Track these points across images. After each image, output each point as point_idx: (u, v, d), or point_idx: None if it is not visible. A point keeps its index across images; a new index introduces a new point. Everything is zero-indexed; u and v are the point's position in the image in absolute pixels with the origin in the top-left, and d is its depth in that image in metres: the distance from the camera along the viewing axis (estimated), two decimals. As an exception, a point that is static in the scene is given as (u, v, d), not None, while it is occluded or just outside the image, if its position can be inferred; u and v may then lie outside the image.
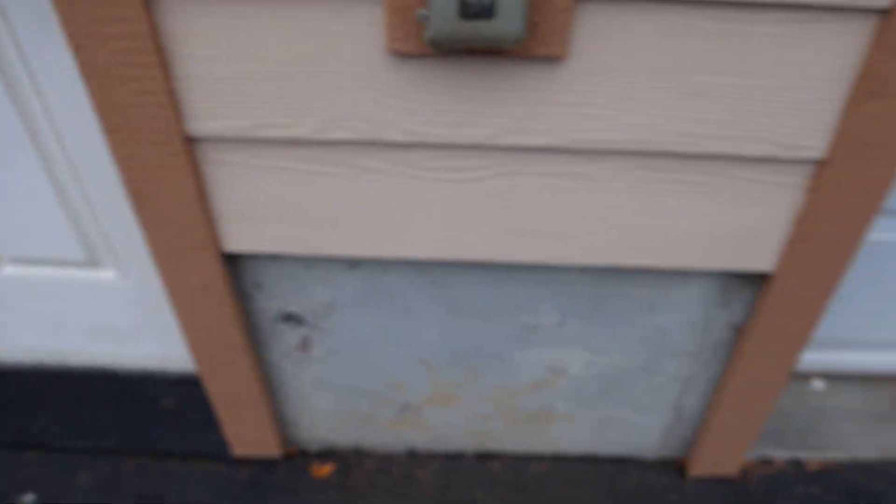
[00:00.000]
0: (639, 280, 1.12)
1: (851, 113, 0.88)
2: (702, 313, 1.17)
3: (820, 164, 0.94)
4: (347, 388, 1.32)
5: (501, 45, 0.80)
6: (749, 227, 1.01)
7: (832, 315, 1.47)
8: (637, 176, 0.96)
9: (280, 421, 1.41)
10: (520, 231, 1.02)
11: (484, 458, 1.45)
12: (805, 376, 1.62)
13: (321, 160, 0.96)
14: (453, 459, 1.45)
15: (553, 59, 0.85)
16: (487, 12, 0.78)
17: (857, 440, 1.51)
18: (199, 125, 0.92)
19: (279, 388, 1.33)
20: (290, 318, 1.20)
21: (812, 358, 1.58)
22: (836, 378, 1.62)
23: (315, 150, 0.95)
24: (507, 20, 0.78)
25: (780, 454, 1.49)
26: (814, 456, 1.49)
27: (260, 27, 0.83)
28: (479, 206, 1.00)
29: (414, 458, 1.45)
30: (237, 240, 1.05)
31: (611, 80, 0.86)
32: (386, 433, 1.42)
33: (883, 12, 0.80)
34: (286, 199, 1.00)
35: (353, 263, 1.12)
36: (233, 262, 1.12)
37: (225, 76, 0.87)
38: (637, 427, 1.39)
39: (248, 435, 1.37)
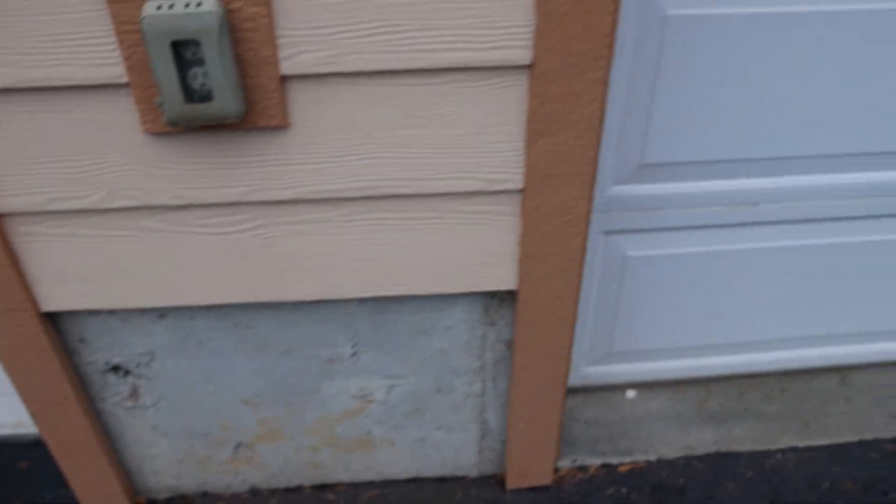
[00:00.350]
0: (410, 307, 1.32)
1: (531, 150, 1.11)
2: (473, 333, 1.36)
3: (521, 194, 1.16)
4: (181, 433, 1.47)
5: (226, 121, 1.01)
6: (484, 251, 1.22)
7: (640, 328, 1.68)
8: (373, 217, 1.17)
9: (125, 470, 1.54)
10: (286, 272, 1.22)
11: (321, 489, 1.60)
12: (619, 387, 1.82)
13: (111, 225, 1.15)
14: (293, 493, 1.59)
15: (278, 128, 1.07)
16: (207, 97, 1.00)
17: (664, 441, 1.70)
18: (1, 202, 1.10)
19: (118, 437, 1.48)
20: (117, 369, 1.36)
21: (624, 369, 1.78)
22: (647, 386, 1.82)
23: (104, 217, 1.14)
24: (224, 102, 0.99)
25: (594, 461, 1.67)
26: (624, 459, 1.67)
27: (44, 115, 1.03)
28: (249, 253, 1.19)
29: (257, 495, 1.59)
30: (52, 300, 1.22)
31: (332, 140, 1.08)
32: (227, 474, 1.56)
33: (527, 67, 1.04)
34: (88, 261, 1.18)
35: (162, 313, 1.29)
36: (54, 320, 1.28)
37: (21, 159, 1.06)
38: (452, 446, 1.56)
39: (93, 487, 1.50)
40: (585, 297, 1.57)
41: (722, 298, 1.62)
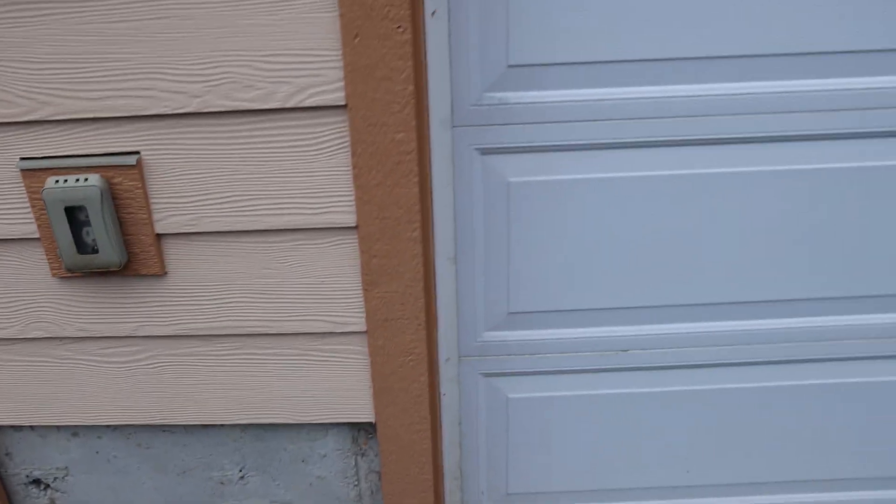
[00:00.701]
0: (288, 435, 1.49)
1: (368, 297, 1.31)
2: (346, 462, 1.51)
3: (366, 335, 1.36)
4: (94, 546, 1.64)
5: (111, 269, 1.26)
6: (343, 385, 1.40)
7: (534, 471, 1.76)
8: (244, 352, 1.38)
9: (44, 579, 1.70)
10: (176, 397, 1.42)
11: None
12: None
13: (29, 352, 1.39)
14: None
15: (157, 276, 1.31)
16: (94, 250, 1.25)
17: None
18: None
19: (38, 547, 1.65)
20: (38, 482, 1.56)
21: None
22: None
23: (23, 345, 1.39)
24: (108, 254, 1.25)
25: None
26: None
27: None
28: (144, 380, 1.41)
29: None
30: (-19, 416, 1.46)
31: (202, 286, 1.31)
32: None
33: (354, 228, 1.26)
34: (10, 382, 1.42)
35: (74, 432, 1.50)
36: (-16, 436, 1.51)
37: None
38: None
39: (14, 592, 1.66)
40: (473, 437, 1.70)
41: (608, 443, 1.72)
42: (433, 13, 1.25)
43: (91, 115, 1.14)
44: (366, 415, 1.41)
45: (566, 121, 1.36)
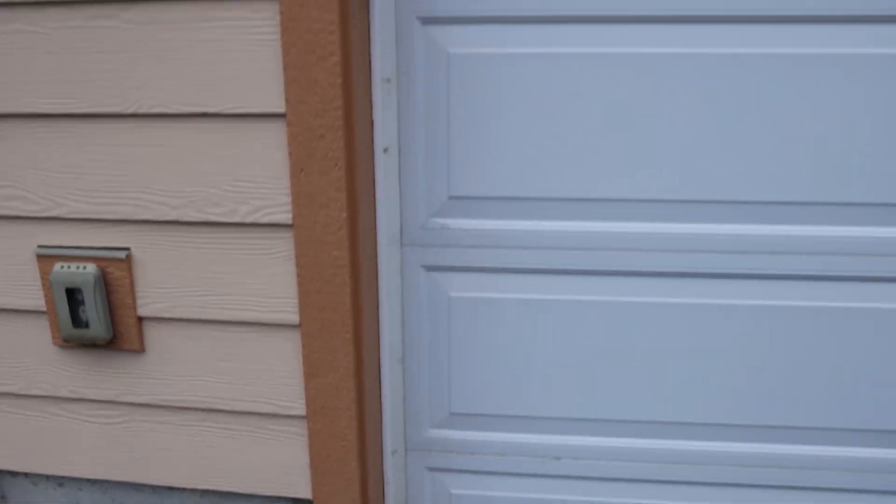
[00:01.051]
0: (241, 503, 1.68)
1: (307, 385, 1.52)
2: (289, 534, 1.69)
3: (305, 419, 1.56)
4: (67, 588, 1.84)
5: (99, 343, 1.51)
6: (287, 462, 1.60)
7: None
8: (205, 424, 1.59)
9: None
10: (147, 459, 1.64)
11: None
12: None
13: (27, 406, 1.65)
14: None
15: (136, 352, 1.56)
16: (87, 325, 1.52)
17: None
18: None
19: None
20: (26, 524, 1.79)
21: None
22: None
23: (25, 400, 1.64)
24: (97, 330, 1.50)
25: None
26: None
27: None
28: (122, 441, 1.63)
29: None
30: (-15, 459, 1.71)
31: (173, 364, 1.53)
32: None
33: (297, 326, 1.49)
34: (10, 430, 1.67)
35: (60, 482, 1.74)
36: (-14, 476, 1.76)
37: None
38: None
39: None
40: (415, 523, 1.85)
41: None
42: (385, 150, 1.50)
43: (94, 217, 1.42)
44: (305, 492, 1.59)
45: (500, 246, 1.57)
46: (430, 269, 1.61)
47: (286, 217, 1.35)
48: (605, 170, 1.49)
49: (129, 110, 1.32)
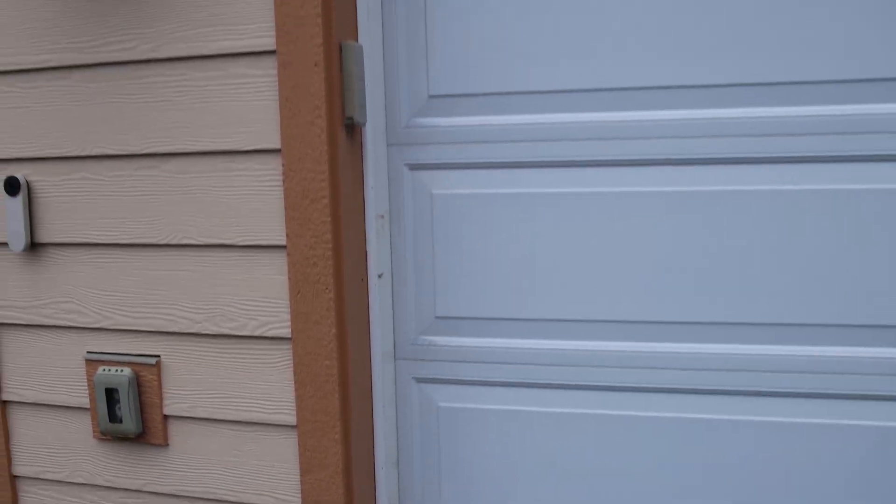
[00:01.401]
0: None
1: (303, 481, 1.73)
2: None
3: (302, 514, 1.75)
4: None
5: (131, 436, 1.77)
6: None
7: None
8: (214, 514, 1.81)
9: None
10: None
11: None
12: None
13: (70, 493, 1.89)
14: None
15: (161, 446, 1.81)
16: (121, 421, 1.78)
17: None
18: (19, 469, 1.91)
19: None
20: None
21: None
22: None
23: (68, 487, 1.89)
24: (129, 425, 1.76)
25: None
26: None
27: (46, 421, 1.87)
28: (141, 527, 1.86)
29: None
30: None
31: (192, 458, 1.76)
32: None
33: (294, 426, 1.71)
34: (54, 515, 1.92)
35: (92, 563, 1.96)
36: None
37: (27, 444, 1.89)
38: None
39: None
40: None
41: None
42: (380, 275, 1.75)
43: (132, 328, 1.71)
44: (300, 582, 1.76)
45: (482, 361, 1.77)
46: (420, 380, 1.81)
47: (286, 332, 1.60)
48: (576, 293, 1.69)
49: (164, 241, 1.62)
